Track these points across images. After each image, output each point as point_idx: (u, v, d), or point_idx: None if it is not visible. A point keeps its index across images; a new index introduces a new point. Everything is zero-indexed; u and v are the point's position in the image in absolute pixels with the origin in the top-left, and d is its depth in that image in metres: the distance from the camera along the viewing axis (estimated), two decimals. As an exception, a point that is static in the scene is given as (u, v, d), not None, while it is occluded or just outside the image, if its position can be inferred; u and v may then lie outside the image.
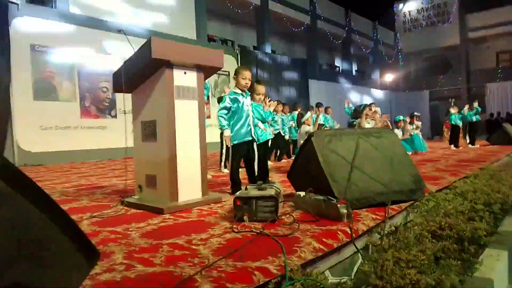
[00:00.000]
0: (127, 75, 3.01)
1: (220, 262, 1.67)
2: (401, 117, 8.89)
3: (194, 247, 1.90)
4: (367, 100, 16.89)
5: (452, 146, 9.84)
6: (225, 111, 3.51)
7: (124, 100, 4.03)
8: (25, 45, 8.04)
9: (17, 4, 7.84)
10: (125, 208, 2.97)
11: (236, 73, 3.59)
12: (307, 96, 15.99)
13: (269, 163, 6.91)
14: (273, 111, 7.24)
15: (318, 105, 7.73)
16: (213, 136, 6.42)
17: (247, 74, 3.58)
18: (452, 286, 1.83)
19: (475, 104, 10.40)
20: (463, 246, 2.16)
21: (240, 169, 3.64)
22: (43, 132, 8.22)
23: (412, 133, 8.84)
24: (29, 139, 7.97)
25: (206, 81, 3.61)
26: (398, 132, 8.50)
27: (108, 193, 3.82)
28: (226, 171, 5.23)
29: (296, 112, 7.75)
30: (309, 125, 5.71)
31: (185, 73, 2.99)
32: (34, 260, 1.08)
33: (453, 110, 9.99)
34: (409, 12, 24.86)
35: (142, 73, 2.97)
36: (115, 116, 9.61)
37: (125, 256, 1.80)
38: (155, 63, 2.81)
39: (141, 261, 1.72)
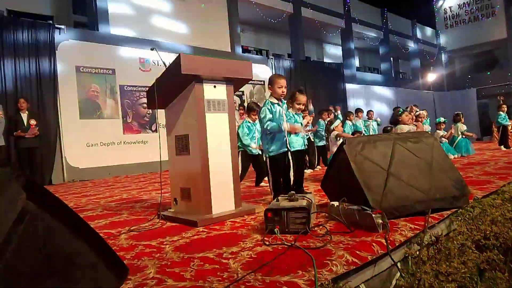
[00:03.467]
0: (159, 92, 3.10)
1: (249, 276, 1.65)
2: (442, 119, 8.41)
3: (224, 260, 1.90)
4: (409, 102, 16.26)
5: (502, 147, 9.23)
6: (270, 122, 3.49)
7: (162, 115, 4.13)
8: (70, 66, 8.53)
9: (62, 29, 8.36)
10: (161, 221, 3.03)
11: (271, 82, 3.55)
12: (345, 100, 15.69)
13: (307, 171, 6.82)
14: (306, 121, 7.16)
15: (348, 113, 7.55)
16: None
17: (282, 82, 3.52)
18: (500, 301, 1.70)
19: None
20: (511, 257, 2.00)
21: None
22: (89, 148, 8.63)
23: (465, 135, 8.35)
24: (76, 156, 8.40)
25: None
26: (442, 133, 8.09)
27: (146, 207, 3.94)
28: (263, 184, 5.21)
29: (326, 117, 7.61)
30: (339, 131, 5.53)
31: (214, 86, 3.04)
32: (63, 275, 1.12)
33: (501, 109, 9.38)
34: (450, 8, 23.90)
35: (174, 88, 3.05)
36: (156, 131, 9.92)
37: (158, 270, 1.83)
38: (185, 79, 2.88)
39: (172, 275, 1.74)
